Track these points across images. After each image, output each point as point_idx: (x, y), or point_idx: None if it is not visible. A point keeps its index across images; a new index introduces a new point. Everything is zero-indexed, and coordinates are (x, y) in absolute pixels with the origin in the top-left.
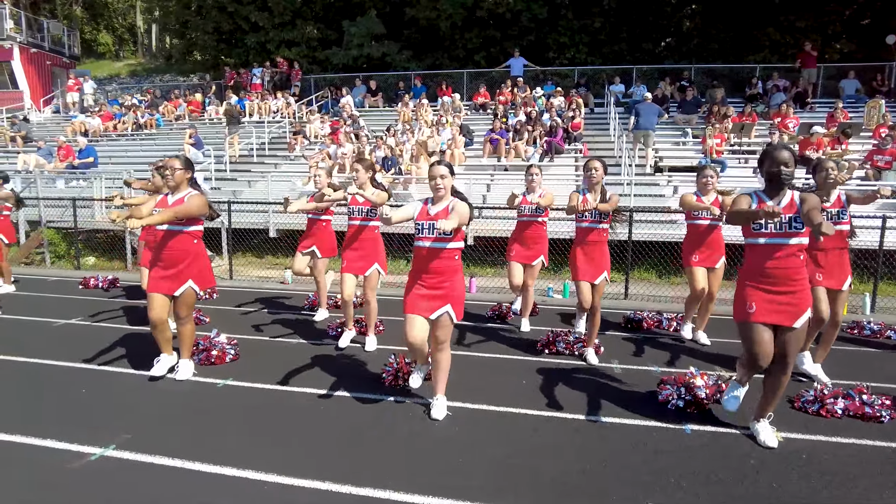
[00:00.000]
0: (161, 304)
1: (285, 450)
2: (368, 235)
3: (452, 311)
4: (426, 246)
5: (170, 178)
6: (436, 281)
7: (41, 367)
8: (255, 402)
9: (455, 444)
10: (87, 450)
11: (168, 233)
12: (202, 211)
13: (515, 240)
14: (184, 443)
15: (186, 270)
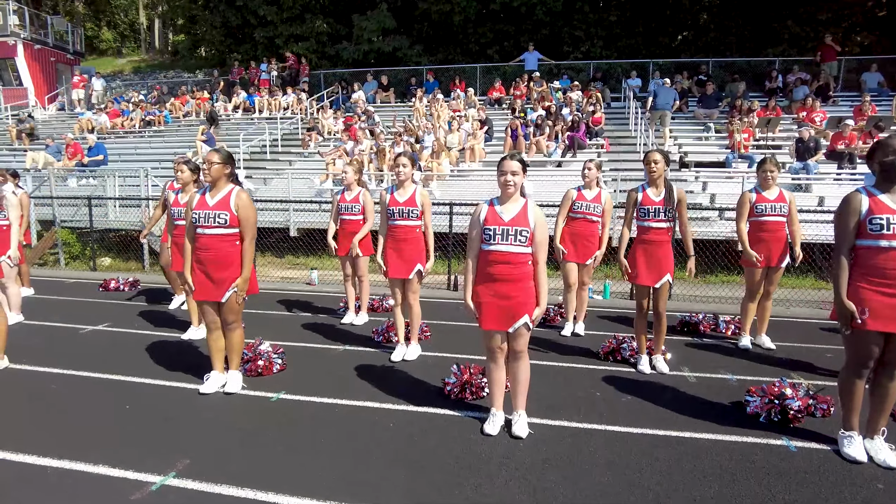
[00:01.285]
0: (214, 311)
1: (357, 475)
2: (410, 236)
3: (529, 320)
4: (501, 251)
5: (208, 174)
6: (510, 290)
7: (76, 380)
8: (312, 419)
9: (550, 466)
10: (146, 478)
11: (211, 236)
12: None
13: (569, 238)
14: (248, 468)
15: (232, 275)
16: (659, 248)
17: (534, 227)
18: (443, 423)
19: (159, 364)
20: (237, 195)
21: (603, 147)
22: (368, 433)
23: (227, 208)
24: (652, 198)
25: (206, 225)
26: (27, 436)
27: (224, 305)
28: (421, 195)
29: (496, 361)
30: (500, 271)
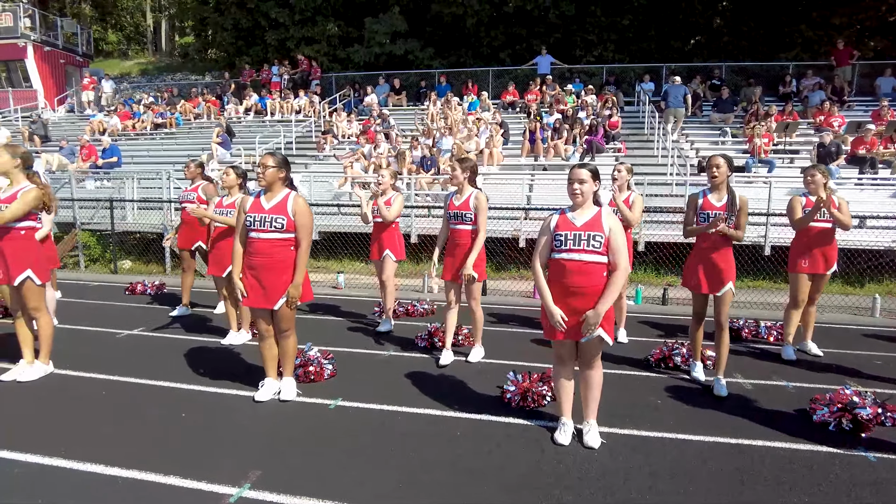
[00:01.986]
0: (267, 318)
1: (437, 488)
2: (465, 241)
3: (605, 333)
4: (574, 259)
5: (262, 178)
6: (585, 301)
7: (125, 386)
8: (375, 427)
9: (631, 477)
10: (221, 489)
11: (265, 241)
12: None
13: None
14: (322, 478)
15: (286, 281)
16: (719, 254)
17: (608, 233)
18: (510, 432)
19: (205, 370)
20: (294, 200)
21: (620, 150)
22: (436, 442)
23: (283, 212)
24: (713, 203)
25: (260, 229)
26: (88, 444)
27: (277, 313)
28: (475, 199)
29: (566, 369)
30: (574, 282)
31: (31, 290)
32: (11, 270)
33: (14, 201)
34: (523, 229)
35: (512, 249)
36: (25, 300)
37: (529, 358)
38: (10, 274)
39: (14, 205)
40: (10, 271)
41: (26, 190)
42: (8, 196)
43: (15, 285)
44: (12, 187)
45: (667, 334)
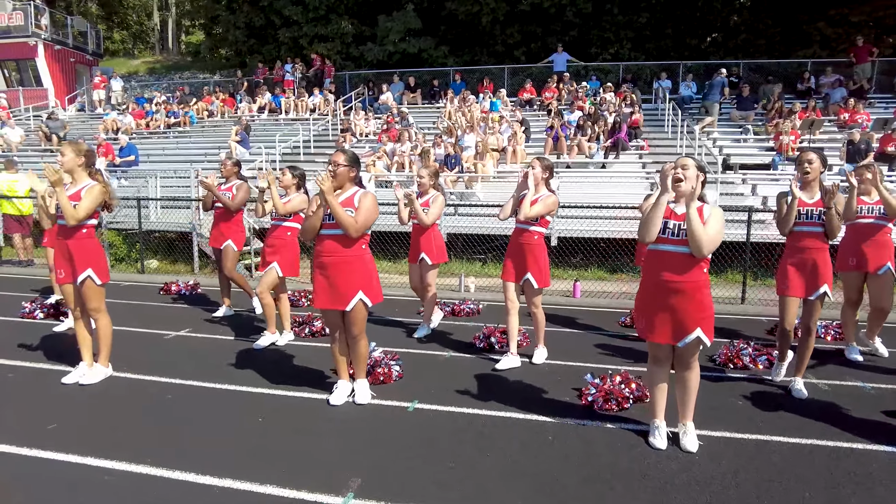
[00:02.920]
0: (338, 319)
1: (545, 498)
2: (528, 241)
3: (704, 335)
4: (670, 251)
5: (333, 176)
6: (681, 299)
7: (189, 390)
8: (459, 431)
9: (742, 481)
10: (326, 499)
11: (331, 238)
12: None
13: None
14: (423, 485)
15: (357, 281)
16: (814, 255)
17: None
18: (603, 437)
19: (265, 372)
20: (362, 196)
21: (643, 148)
22: (533, 448)
23: (350, 207)
24: (805, 200)
25: (329, 224)
26: (172, 451)
27: (349, 315)
28: (546, 197)
29: (662, 371)
30: (670, 279)
31: (92, 290)
32: (75, 269)
33: (80, 200)
34: (555, 227)
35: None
36: (86, 300)
37: (591, 359)
38: (74, 272)
39: (81, 203)
40: (74, 270)
41: (90, 187)
42: (72, 194)
43: (76, 284)
44: (75, 185)
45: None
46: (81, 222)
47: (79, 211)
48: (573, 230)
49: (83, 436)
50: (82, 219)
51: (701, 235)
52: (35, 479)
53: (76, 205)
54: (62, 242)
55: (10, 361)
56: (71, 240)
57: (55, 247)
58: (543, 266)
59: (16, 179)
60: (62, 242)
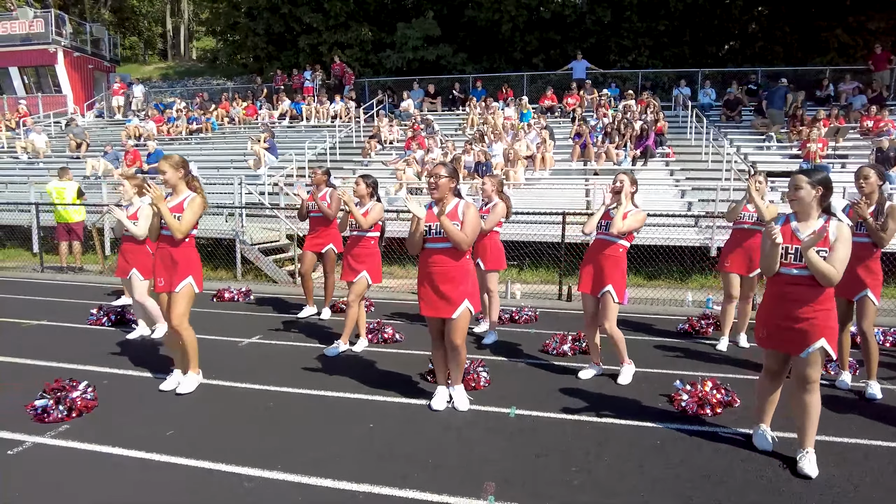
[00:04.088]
0: (440, 326)
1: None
2: (612, 253)
3: (829, 347)
4: (793, 274)
5: (434, 189)
6: (805, 311)
7: (289, 397)
8: (569, 437)
9: (858, 487)
10: (469, 503)
11: (438, 250)
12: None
13: (732, 250)
14: (556, 487)
15: (463, 290)
16: (860, 262)
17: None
18: (705, 440)
19: (353, 378)
20: (465, 207)
21: (668, 155)
22: (639, 450)
23: (455, 219)
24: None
25: (436, 238)
26: (299, 457)
27: (454, 322)
28: (635, 213)
29: (775, 383)
30: (795, 293)
31: (186, 297)
32: (175, 277)
33: (182, 212)
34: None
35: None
36: (174, 306)
37: (667, 366)
38: (174, 281)
39: (185, 216)
40: (175, 278)
41: (192, 198)
42: (174, 206)
43: (176, 291)
44: (176, 196)
45: None
46: (187, 235)
47: (183, 224)
48: None
49: (207, 442)
50: (187, 232)
51: (826, 273)
52: (179, 486)
53: (179, 217)
54: (165, 251)
55: (99, 368)
56: (174, 248)
57: (156, 256)
58: (623, 281)
59: (64, 187)
60: (165, 251)
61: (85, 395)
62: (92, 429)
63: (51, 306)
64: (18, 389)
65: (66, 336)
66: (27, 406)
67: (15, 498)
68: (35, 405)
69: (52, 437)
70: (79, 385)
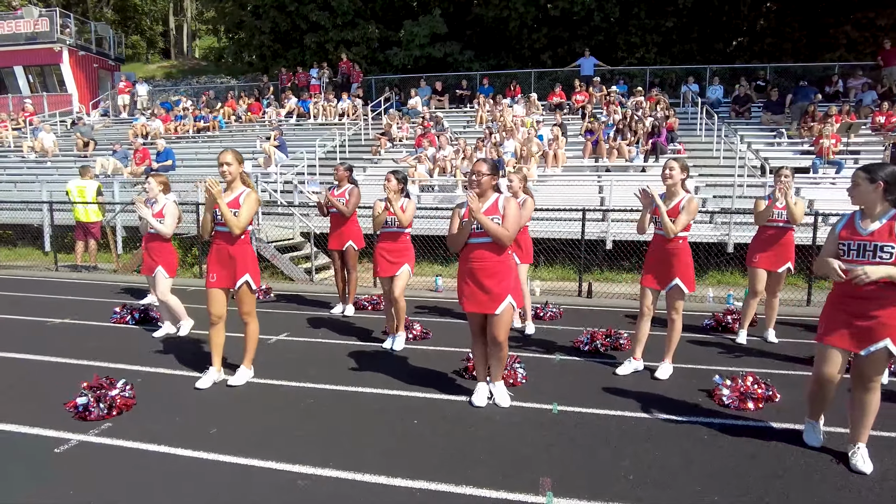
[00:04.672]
0: (482, 324)
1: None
2: (675, 247)
3: (893, 346)
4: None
5: (475, 186)
6: (870, 307)
7: (326, 393)
8: (618, 431)
9: None
10: (529, 499)
11: (480, 245)
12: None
13: (761, 247)
14: (612, 482)
15: (505, 286)
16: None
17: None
18: (753, 435)
19: (389, 374)
20: (506, 201)
21: (679, 152)
22: (689, 443)
23: (496, 214)
24: None
25: (480, 233)
26: (349, 454)
27: (497, 318)
28: (688, 202)
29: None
30: (863, 291)
31: (248, 295)
32: (235, 274)
33: (239, 208)
34: (611, 231)
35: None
36: (240, 304)
37: (690, 360)
38: (231, 277)
39: (242, 212)
40: (233, 275)
41: (247, 194)
42: (230, 201)
43: (236, 289)
44: (232, 192)
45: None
46: (244, 231)
47: (241, 220)
48: (627, 233)
49: (252, 440)
50: (244, 227)
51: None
52: (234, 484)
53: (237, 213)
54: (221, 247)
55: (131, 366)
56: (232, 245)
57: (211, 252)
58: (691, 271)
59: (85, 186)
60: (221, 247)
61: (123, 394)
62: (135, 427)
63: (72, 305)
64: (57, 388)
65: (92, 334)
66: (67, 404)
67: (68, 496)
68: (76, 403)
69: (97, 435)
70: (116, 383)
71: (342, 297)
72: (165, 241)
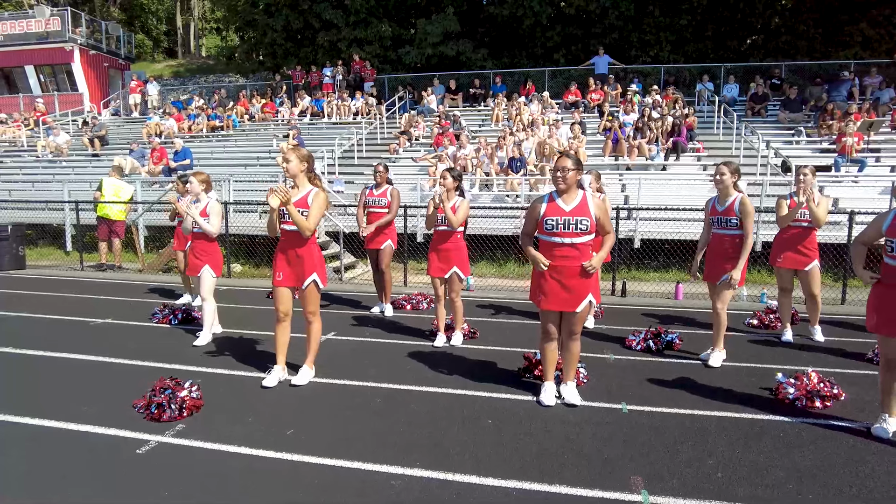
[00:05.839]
0: (557, 322)
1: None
2: (728, 244)
3: None
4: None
5: (561, 182)
6: None
7: (392, 393)
8: (684, 429)
9: None
10: (625, 497)
11: (570, 246)
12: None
13: (784, 247)
14: (701, 480)
15: (587, 284)
16: None
17: None
18: (821, 432)
19: (451, 373)
20: (593, 198)
21: (698, 150)
22: (759, 441)
23: (586, 214)
24: None
25: (565, 233)
26: (431, 453)
27: (575, 316)
28: (741, 203)
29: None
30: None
31: (314, 294)
32: (302, 274)
33: (308, 207)
34: (639, 230)
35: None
36: (307, 303)
37: (742, 358)
38: (299, 277)
39: (311, 213)
40: (301, 275)
41: (316, 194)
42: (297, 200)
43: (303, 288)
44: (299, 192)
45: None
46: (314, 231)
47: (311, 221)
48: (654, 232)
49: (332, 440)
50: (314, 227)
51: None
52: (324, 486)
53: (306, 214)
54: (288, 247)
55: (188, 367)
56: (300, 245)
57: (278, 251)
58: (737, 265)
59: (121, 187)
60: (288, 247)
61: (192, 394)
62: (209, 428)
63: (108, 304)
64: (119, 388)
65: (137, 334)
66: (137, 405)
67: (163, 497)
68: (147, 403)
69: (173, 437)
70: (184, 384)
71: (380, 296)
72: (211, 240)
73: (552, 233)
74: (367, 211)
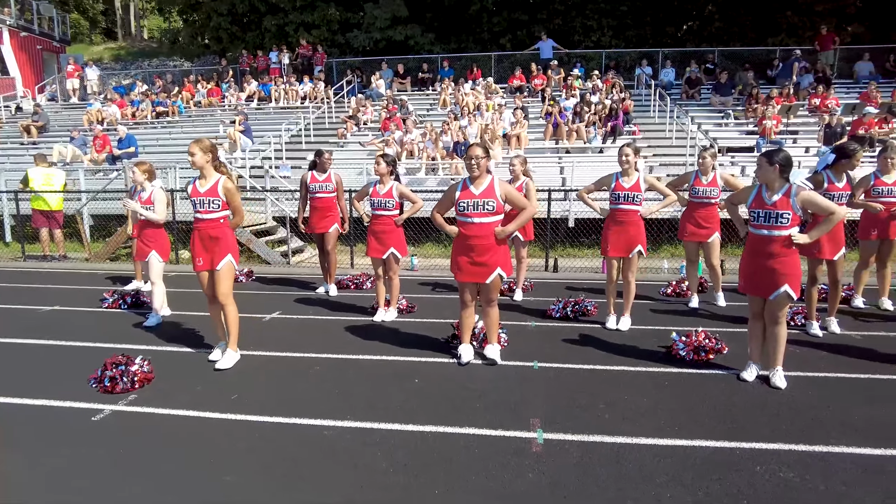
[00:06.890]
0: (473, 291)
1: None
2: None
3: (791, 289)
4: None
5: (475, 168)
6: (773, 260)
7: (330, 362)
8: (581, 381)
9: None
10: (522, 434)
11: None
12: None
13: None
14: (591, 420)
15: (496, 259)
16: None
17: None
18: (704, 378)
19: (386, 343)
20: (500, 184)
21: (634, 133)
22: (654, 387)
23: (492, 196)
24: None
25: (473, 213)
26: (365, 409)
27: (490, 285)
28: (644, 180)
29: (758, 324)
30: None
31: (228, 275)
32: (216, 256)
33: (231, 196)
34: (573, 210)
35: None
36: (219, 284)
37: (665, 323)
38: (214, 259)
39: (233, 199)
40: (215, 257)
41: (224, 181)
42: (209, 189)
43: (218, 269)
44: (207, 182)
45: None
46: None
47: (235, 205)
48: (587, 211)
49: (273, 402)
50: (242, 211)
51: None
52: (264, 440)
53: (219, 202)
54: (204, 232)
55: (138, 346)
56: (212, 230)
57: (194, 237)
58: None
59: (52, 174)
60: (204, 232)
61: (142, 368)
62: (160, 396)
63: (55, 293)
64: (73, 368)
65: (87, 319)
66: (92, 379)
67: (118, 454)
68: (100, 378)
69: (127, 405)
70: (135, 360)
71: (325, 277)
72: (157, 226)
73: (464, 213)
74: (311, 197)
